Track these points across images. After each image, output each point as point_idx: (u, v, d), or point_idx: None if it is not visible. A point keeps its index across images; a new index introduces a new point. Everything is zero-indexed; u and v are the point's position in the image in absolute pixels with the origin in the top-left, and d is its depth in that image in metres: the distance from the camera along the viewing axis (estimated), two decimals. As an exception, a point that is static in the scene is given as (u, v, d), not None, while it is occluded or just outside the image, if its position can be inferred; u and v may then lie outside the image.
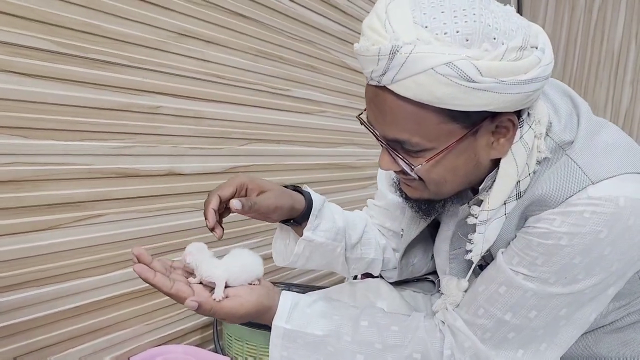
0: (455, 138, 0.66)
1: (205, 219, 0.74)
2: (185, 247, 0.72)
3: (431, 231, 0.93)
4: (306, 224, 0.85)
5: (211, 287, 0.71)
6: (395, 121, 0.66)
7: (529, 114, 0.69)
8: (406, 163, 0.69)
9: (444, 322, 0.78)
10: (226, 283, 0.70)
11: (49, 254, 1.07)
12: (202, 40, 1.36)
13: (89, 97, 1.10)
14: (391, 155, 0.71)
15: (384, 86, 0.63)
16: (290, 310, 0.75)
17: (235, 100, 1.48)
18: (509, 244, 0.73)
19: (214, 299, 0.68)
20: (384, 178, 0.98)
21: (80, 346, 1.16)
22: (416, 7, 0.62)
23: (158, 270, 0.68)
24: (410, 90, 0.61)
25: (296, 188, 0.87)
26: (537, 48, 0.63)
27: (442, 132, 0.65)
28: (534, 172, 0.71)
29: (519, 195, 0.71)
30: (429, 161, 0.67)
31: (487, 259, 0.78)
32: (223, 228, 0.76)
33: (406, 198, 0.80)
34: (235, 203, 0.73)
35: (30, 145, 1.02)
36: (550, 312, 0.70)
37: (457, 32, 0.60)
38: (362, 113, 0.73)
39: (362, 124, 0.72)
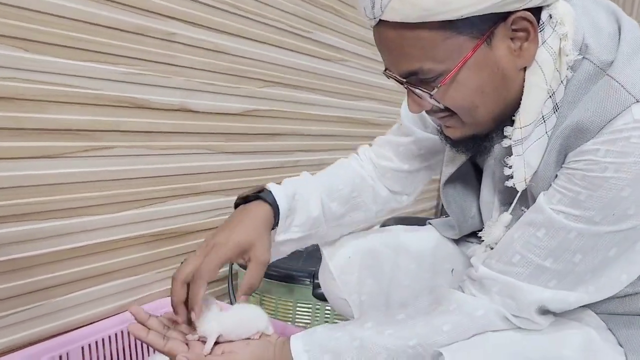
0: (467, 51, 0.61)
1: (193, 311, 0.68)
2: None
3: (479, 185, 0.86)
4: None
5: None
6: (402, 53, 0.63)
7: (550, 16, 0.63)
8: (425, 92, 0.65)
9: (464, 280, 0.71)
10: (223, 337, 0.69)
11: (51, 184, 0.96)
12: (221, -36, 1.24)
13: (97, 13, 0.99)
14: (415, 94, 0.66)
15: (380, 21, 0.62)
16: (303, 343, 0.70)
17: (254, 37, 1.36)
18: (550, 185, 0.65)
19: (204, 354, 0.67)
20: (411, 117, 0.89)
21: (84, 290, 1.06)
22: None
23: (153, 329, 0.69)
24: (399, 12, 0.59)
25: (259, 194, 0.79)
26: None
27: (450, 50, 0.61)
28: (567, 80, 0.63)
29: (556, 108, 0.64)
30: (445, 82, 0.62)
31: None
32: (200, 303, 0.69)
33: (452, 144, 0.74)
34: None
35: (32, 60, 0.90)
36: (597, 255, 0.62)
37: None
38: (386, 69, 0.69)
39: (387, 77, 0.69)
